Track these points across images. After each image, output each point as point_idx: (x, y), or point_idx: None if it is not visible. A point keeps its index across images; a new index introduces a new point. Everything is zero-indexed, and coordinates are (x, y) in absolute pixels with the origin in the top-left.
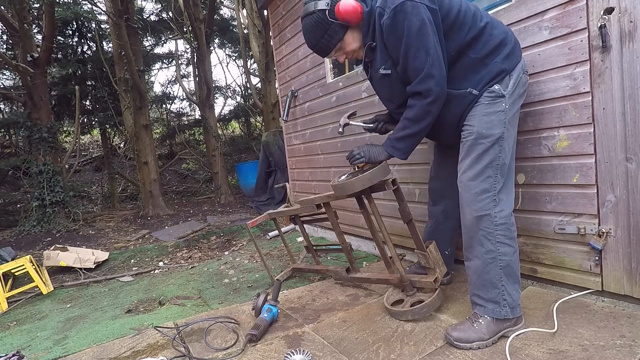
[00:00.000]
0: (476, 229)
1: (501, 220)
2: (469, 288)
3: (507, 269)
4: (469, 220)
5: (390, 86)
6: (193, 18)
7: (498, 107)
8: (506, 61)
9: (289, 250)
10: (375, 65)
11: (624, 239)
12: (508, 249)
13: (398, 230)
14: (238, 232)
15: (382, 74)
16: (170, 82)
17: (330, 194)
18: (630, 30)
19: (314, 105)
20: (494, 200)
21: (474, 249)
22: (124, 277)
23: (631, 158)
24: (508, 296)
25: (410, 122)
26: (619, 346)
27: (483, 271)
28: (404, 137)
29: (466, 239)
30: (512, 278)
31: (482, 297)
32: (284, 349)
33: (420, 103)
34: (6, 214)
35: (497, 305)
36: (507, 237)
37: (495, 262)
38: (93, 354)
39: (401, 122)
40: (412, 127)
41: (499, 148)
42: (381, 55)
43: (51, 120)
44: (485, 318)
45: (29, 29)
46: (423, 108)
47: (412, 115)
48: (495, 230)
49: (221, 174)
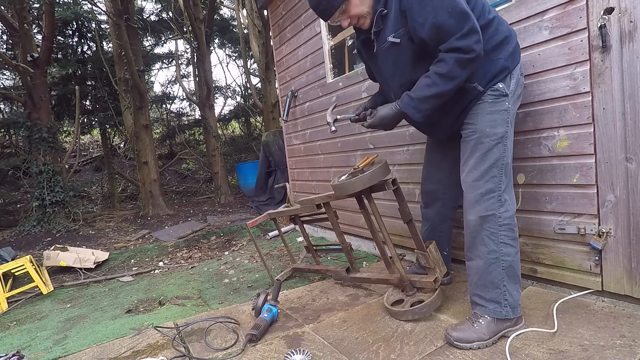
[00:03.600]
0: (480, 229)
1: (506, 220)
2: (470, 288)
3: (510, 269)
4: (473, 220)
5: (395, 59)
6: (193, 18)
7: (502, 106)
8: (509, 59)
9: (289, 250)
10: (384, 35)
11: (624, 239)
12: (511, 250)
13: (398, 230)
14: (238, 232)
15: (391, 43)
16: (170, 82)
17: (330, 194)
18: (630, 30)
19: (314, 105)
20: (499, 200)
21: (476, 248)
22: (124, 277)
23: (631, 158)
24: (509, 296)
25: (440, 79)
26: (619, 346)
27: (485, 271)
28: (430, 97)
29: (469, 238)
30: (513, 278)
31: (483, 297)
32: (284, 349)
33: (458, 57)
34: (6, 214)
35: (498, 305)
36: (511, 237)
37: (498, 262)
38: (93, 354)
39: (427, 79)
40: (442, 86)
41: (503, 147)
42: (394, 22)
43: (51, 120)
44: (486, 318)
45: (29, 29)
46: (460, 63)
47: (445, 70)
48: (500, 230)
49: (221, 174)
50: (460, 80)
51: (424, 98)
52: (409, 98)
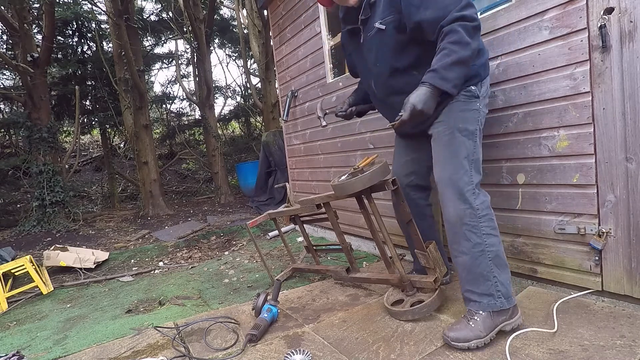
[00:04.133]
0: (460, 224)
1: (484, 211)
2: (461, 284)
3: (497, 259)
4: (453, 216)
5: (379, 44)
6: (193, 18)
7: (473, 106)
8: (482, 68)
9: (289, 250)
10: (371, 22)
11: (624, 239)
12: (494, 239)
13: (398, 230)
14: (238, 232)
15: (377, 29)
16: (170, 82)
17: (330, 194)
18: (630, 30)
19: (314, 105)
20: (473, 193)
21: (460, 244)
22: (124, 277)
23: (631, 158)
24: (501, 286)
25: (456, 46)
26: (619, 346)
27: (473, 265)
28: (453, 63)
29: (451, 235)
30: (502, 267)
31: (475, 292)
32: (284, 349)
33: (464, 24)
34: (6, 214)
35: (491, 297)
36: (492, 227)
37: (484, 254)
38: (93, 354)
39: (442, 50)
40: (460, 52)
41: (474, 143)
42: (383, 8)
43: (51, 120)
44: (481, 314)
45: (29, 29)
46: (467, 30)
47: (457, 37)
48: (479, 222)
49: (221, 174)
50: (475, 48)
51: (446, 66)
52: (432, 72)
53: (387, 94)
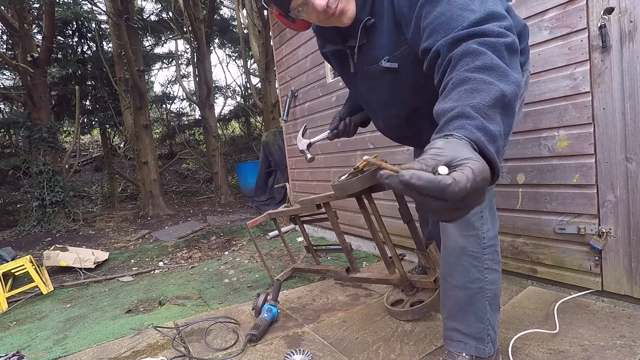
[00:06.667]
0: (460, 252)
1: (490, 241)
2: (444, 319)
3: (493, 299)
4: (452, 241)
5: (391, 88)
6: (193, 18)
7: None
8: (523, 56)
9: (289, 250)
10: (371, 54)
11: (624, 239)
12: (496, 276)
13: (398, 230)
14: (238, 232)
15: (385, 69)
16: (170, 82)
17: (330, 194)
18: (630, 30)
19: (314, 105)
20: (481, 217)
21: (454, 277)
22: (124, 277)
23: (631, 158)
24: (492, 331)
25: (489, 73)
26: (619, 346)
27: (467, 303)
28: (492, 103)
29: (445, 263)
30: (495, 309)
31: (462, 332)
32: (284, 349)
33: (496, 42)
34: (6, 214)
35: (480, 342)
36: (495, 261)
37: (483, 292)
38: (93, 354)
39: (469, 83)
40: (498, 83)
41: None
42: (389, 40)
43: (51, 120)
44: (464, 357)
45: (29, 29)
46: (500, 50)
47: (487, 61)
48: (484, 253)
49: (221, 174)
50: (517, 73)
51: (488, 105)
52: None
53: (405, 131)
